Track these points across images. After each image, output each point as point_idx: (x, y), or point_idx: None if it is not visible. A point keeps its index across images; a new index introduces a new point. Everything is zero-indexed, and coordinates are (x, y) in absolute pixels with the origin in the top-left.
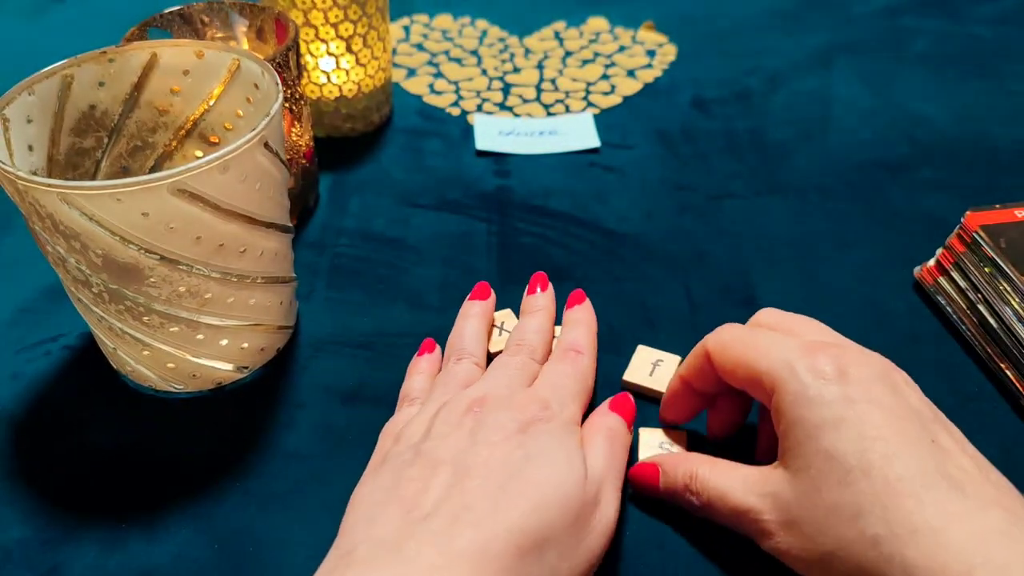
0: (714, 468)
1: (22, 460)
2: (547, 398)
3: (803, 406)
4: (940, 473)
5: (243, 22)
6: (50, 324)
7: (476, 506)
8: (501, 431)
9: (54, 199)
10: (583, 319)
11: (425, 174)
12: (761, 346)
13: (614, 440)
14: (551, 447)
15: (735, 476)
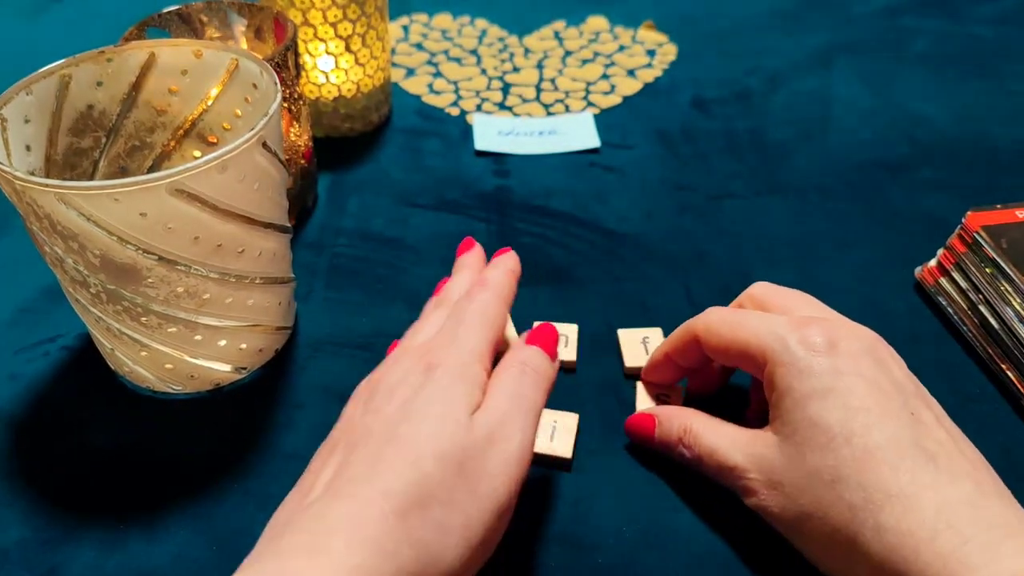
0: (708, 424)
1: (21, 461)
2: (443, 346)
3: (794, 377)
4: (916, 445)
5: (241, 22)
6: (48, 325)
7: (355, 476)
8: (390, 395)
9: (52, 199)
10: (502, 261)
11: (424, 174)
12: (750, 325)
13: (523, 373)
14: (433, 400)
15: (726, 434)
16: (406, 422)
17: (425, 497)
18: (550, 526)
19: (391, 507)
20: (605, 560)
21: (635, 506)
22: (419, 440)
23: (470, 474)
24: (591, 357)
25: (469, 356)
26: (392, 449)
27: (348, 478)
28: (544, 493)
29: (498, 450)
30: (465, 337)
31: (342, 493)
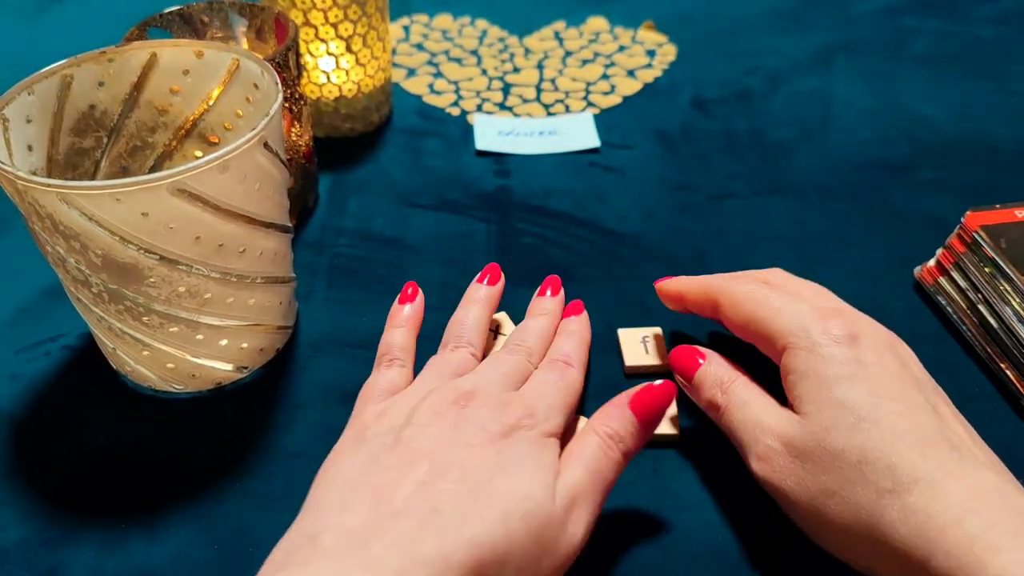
0: (748, 386)
1: (21, 460)
2: (533, 405)
3: (817, 361)
4: (941, 435)
5: (243, 22)
6: (50, 324)
7: (445, 510)
8: (483, 432)
9: (53, 199)
10: (578, 331)
11: (425, 174)
12: (774, 306)
13: (609, 448)
14: (526, 457)
15: (761, 399)
16: (502, 474)
17: (504, 555)
18: None
19: (475, 557)
20: (605, 558)
21: (635, 506)
22: (511, 495)
23: (543, 545)
24: (591, 357)
25: (553, 428)
26: (485, 496)
27: (435, 508)
28: None
29: (568, 529)
30: (553, 409)
31: (431, 524)
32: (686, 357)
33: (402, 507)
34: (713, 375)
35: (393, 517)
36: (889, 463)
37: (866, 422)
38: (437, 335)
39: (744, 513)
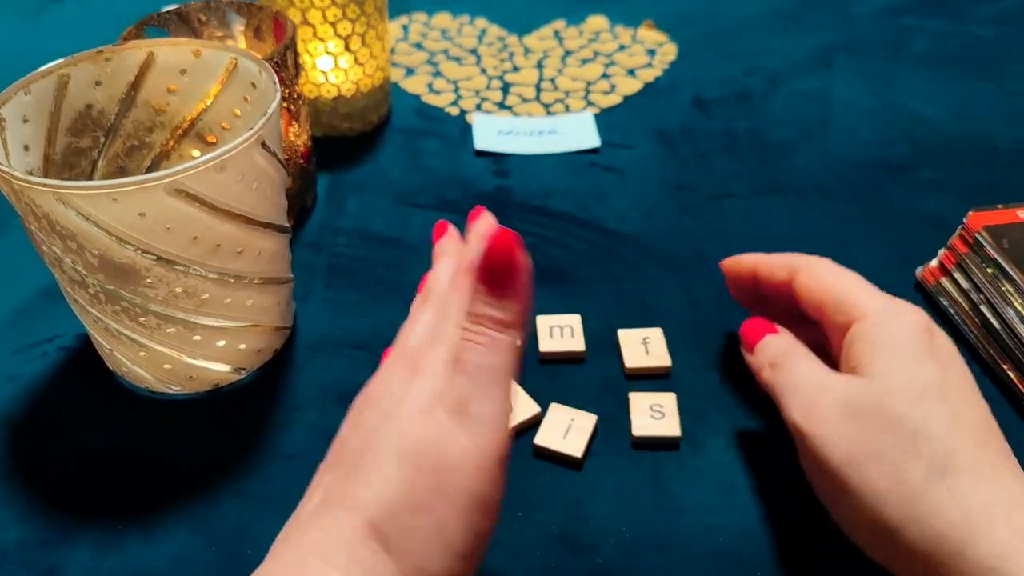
0: (809, 353)
1: (19, 461)
2: (423, 349)
3: (893, 335)
4: (996, 433)
5: (240, 21)
6: (46, 325)
7: (331, 497)
8: (374, 408)
9: (50, 199)
10: (477, 233)
11: (424, 174)
12: (859, 282)
13: (468, 346)
14: (404, 401)
15: (821, 363)
16: (380, 428)
17: (396, 505)
18: (550, 526)
19: (362, 522)
20: (605, 560)
21: (635, 506)
22: (388, 446)
23: (439, 470)
24: (591, 357)
25: (421, 351)
26: (364, 460)
27: (324, 500)
28: (544, 493)
29: (465, 435)
30: (450, 332)
31: (318, 516)
32: (758, 326)
33: (305, 519)
34: (777, 342)
35: (287, 536)
36: (947, 444)
37: (934, 396)
38: None
39: (744, 515)
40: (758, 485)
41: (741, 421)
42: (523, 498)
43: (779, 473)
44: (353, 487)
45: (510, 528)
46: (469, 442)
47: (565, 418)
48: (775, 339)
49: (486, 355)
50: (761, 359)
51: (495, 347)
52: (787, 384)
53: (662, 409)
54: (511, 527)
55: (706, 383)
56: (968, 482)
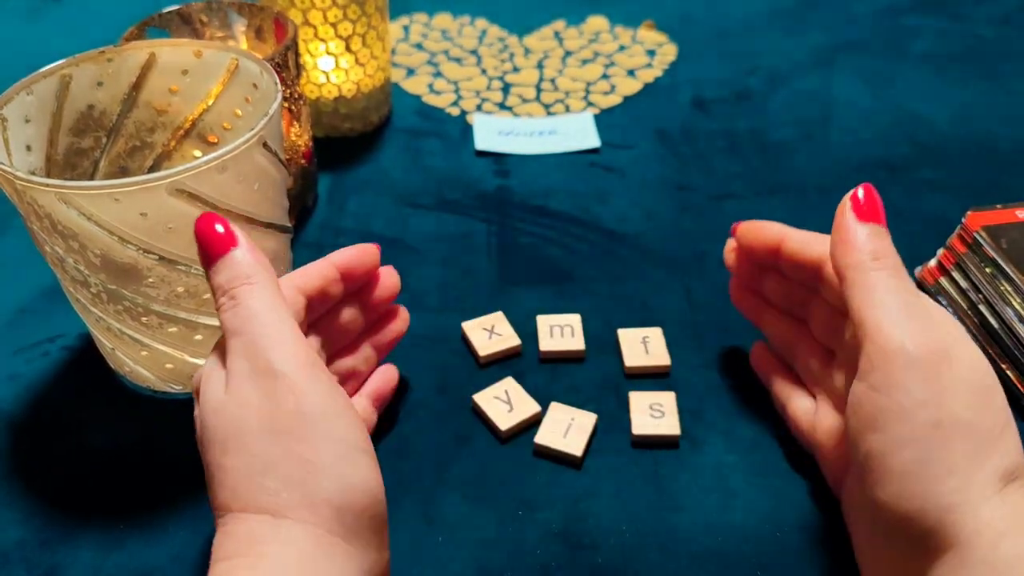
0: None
1: (20, 461)
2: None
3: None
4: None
5: (242, 21)
6: (48, 324)
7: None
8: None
9: (52, 199)
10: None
11: (424, 174)
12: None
13: (222, 317)
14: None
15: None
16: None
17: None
18: (550, 525)
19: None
20: (605, 560)
21: (635, 506)
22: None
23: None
24: (591, 357)
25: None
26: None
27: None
28: (544, 492)
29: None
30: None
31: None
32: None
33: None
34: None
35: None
36: (973, 433)
37: (989, 392)
38: (438, 335)
39: (744, 514)
40: (757, 484)
41: (740, 420)
42: (523, 497)
43: (779, 472)
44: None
45: (510, 527)
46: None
47: (565, 417)
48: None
49: (241, 310)
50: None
51: (244, 298)
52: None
53: (662, 408)
54: (511, 526)
55: (706, 382)
56: (983, 461)
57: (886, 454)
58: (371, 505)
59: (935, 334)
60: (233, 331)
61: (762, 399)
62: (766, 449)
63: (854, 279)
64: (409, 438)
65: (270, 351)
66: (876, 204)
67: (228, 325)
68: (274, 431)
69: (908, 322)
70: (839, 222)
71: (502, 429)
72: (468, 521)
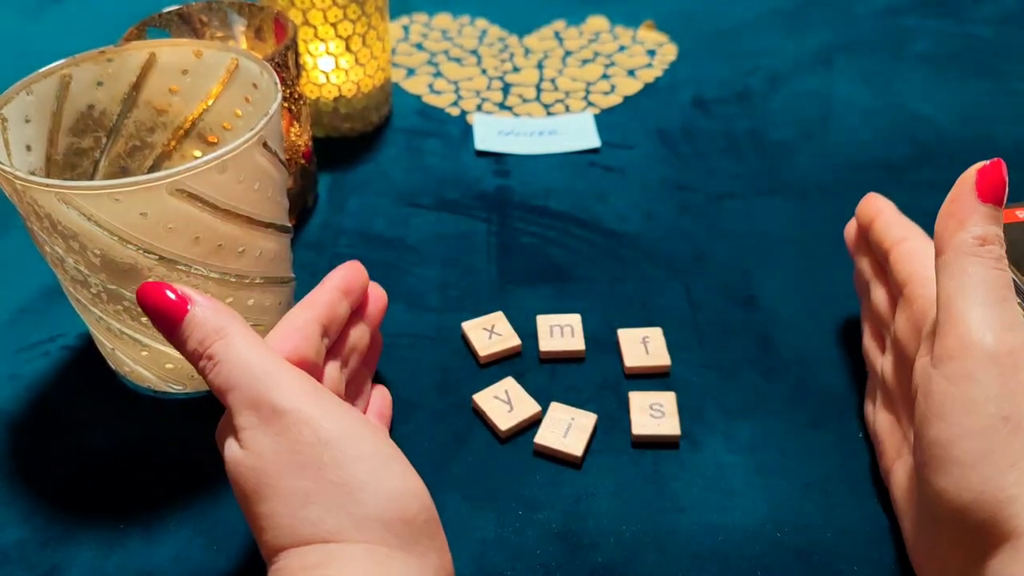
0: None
1: (20, 461)
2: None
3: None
4: None
5: (242, 21)
6: (48, 324)
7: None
8: None
9: (52, 199)
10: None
11: (424, 174)
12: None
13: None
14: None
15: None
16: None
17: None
18: (550, 525)
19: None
20: (605, 560)
21: (635, 506)
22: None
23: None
24: (591, 357)
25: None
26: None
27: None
28: (544, 491)
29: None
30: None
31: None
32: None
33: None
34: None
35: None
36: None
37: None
38: (438, 335)
39: (744, 514)
40: (758, 484)
41: (740, 420)
42: (523, 497)
43: (779, 472)
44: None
45: (510, 527)
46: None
47: (565, 417)
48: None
49: (223, 365)
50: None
51: (223, 354)
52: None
53: (662, 408)
54: (511, 526)
55: (705, 382)
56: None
57: (950, 443)
58: (420, 511)
59: (1019, 334)
60: (226, 389)
61: (762, 399)
62: (766, 449)
63: (951, 260)
64: (409, 438)
65: (270, 393)
66: (1000, 184)
67: (217, 386)
68: (300, 466)
69: (994, 316)
70: (957, 193)
71: (502, 429)
72: (468, 521)
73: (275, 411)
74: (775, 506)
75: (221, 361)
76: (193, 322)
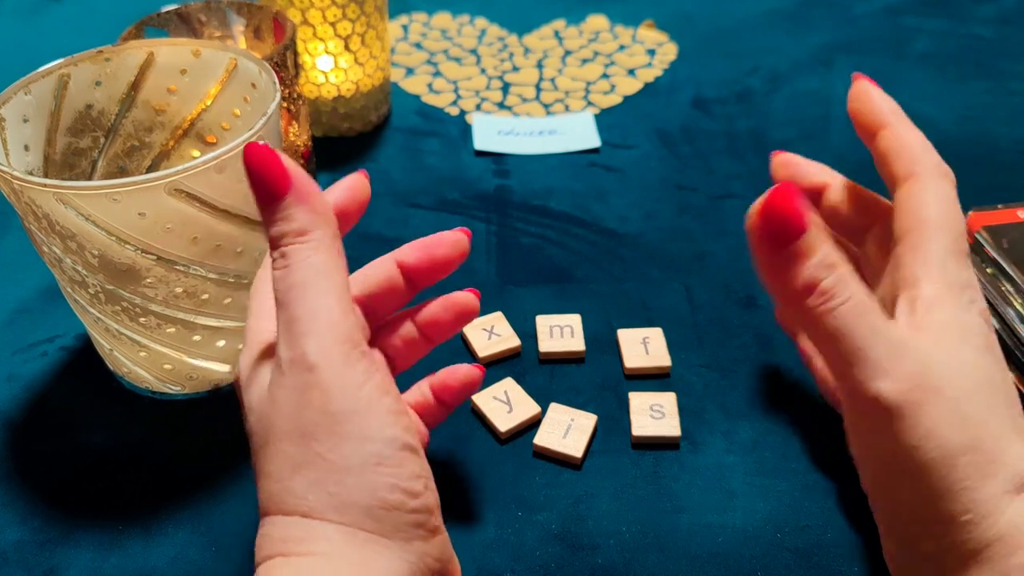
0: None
1: (18, 462)
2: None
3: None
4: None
5: (240, 21)
6: (47, 325)
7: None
8: None
9: (50, 199)
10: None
11: (424, 174)
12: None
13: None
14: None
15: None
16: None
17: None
18: (550, 526)
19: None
20: (605, 560)
21: (635, 506)
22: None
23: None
24: (591, 357)
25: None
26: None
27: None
28: (544, 493)
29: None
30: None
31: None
32: (790, 205)
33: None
34: (824, 250)
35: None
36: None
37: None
38: None
39: (744, 515)
40: (758, 485)
41: (741, 421)
42: (523, 498)
43: (779, 472)
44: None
45: (510, 528)
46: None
47: (565, 418)
48: (826, 236)
49: (288, 274)
50: (807, 253)
51: (294, 261)
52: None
53: (662, 409)
54: (511, 527)
55: (706, 383)
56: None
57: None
58: (406, 501)
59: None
60: (280, 302)
61: (762, 399)
62: (766, 449)
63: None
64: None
65: (306, 337)
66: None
67: (276, 291)
68: (302, 434)
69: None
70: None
71: (501, 430)
72: (468, 522)
73: (303, 361)
74: (775, 506)
75: (288, 267)
76: (283, 210)
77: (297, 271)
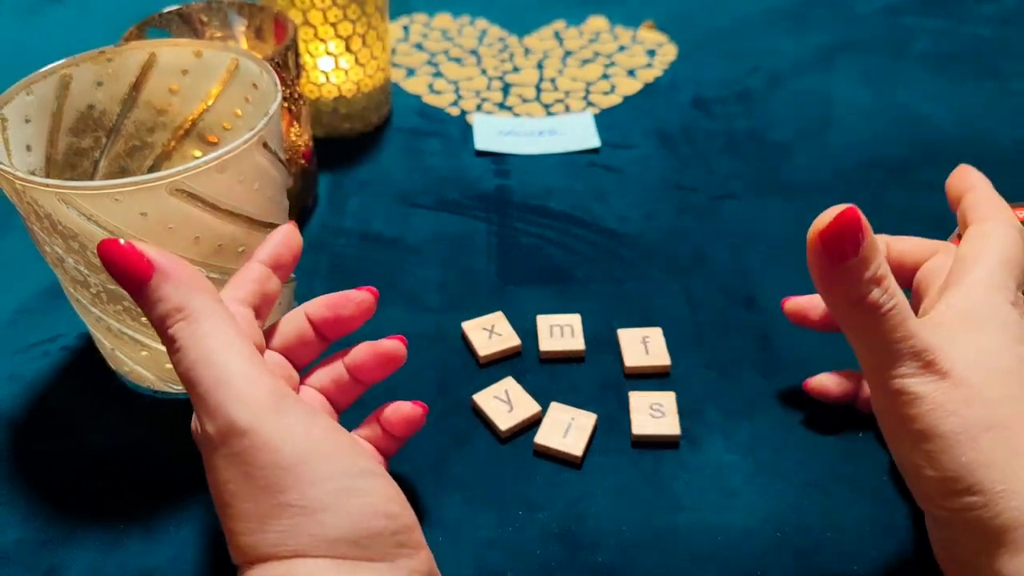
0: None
1: (20, 461)
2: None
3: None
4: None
5: (242, 21)
6: (48, 324)
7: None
8: None
9: (52, 199)
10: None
11: (424, 174)
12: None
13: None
14: None
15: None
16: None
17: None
18: (550, 525)
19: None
20: (605, 560)
21: (635, 506)
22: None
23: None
24: (591, 357)
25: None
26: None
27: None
28: (544, 492)
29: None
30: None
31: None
32: (852, 220)
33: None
34: (878, 259)
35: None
36: None
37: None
38: (438, 335)
39: (744, 514)
40: (757, 484)
41: (740, 420)
42: (523, 497)
43: (779, 472)
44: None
45: (510, 527)
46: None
47: (565, 417)
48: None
49: (184, 355)
50: (866, 266)
51: (183, 340)
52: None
53: (662, 408)
54: (511, 526)
55: (706, 382)
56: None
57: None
58: (388, 524)
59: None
60: (187, 382)
61: (762, 399)
62: (766, 449)
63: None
64: (409, 438)
65: (225, 405)
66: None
67: (180, 374)
68: (258, 490)
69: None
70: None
71: (502, 429)
72: (468, 521)
73: (233, 430)
74: (775, 506)
75: (180, 348)
76: (153, 293)
77: (191, 349)
